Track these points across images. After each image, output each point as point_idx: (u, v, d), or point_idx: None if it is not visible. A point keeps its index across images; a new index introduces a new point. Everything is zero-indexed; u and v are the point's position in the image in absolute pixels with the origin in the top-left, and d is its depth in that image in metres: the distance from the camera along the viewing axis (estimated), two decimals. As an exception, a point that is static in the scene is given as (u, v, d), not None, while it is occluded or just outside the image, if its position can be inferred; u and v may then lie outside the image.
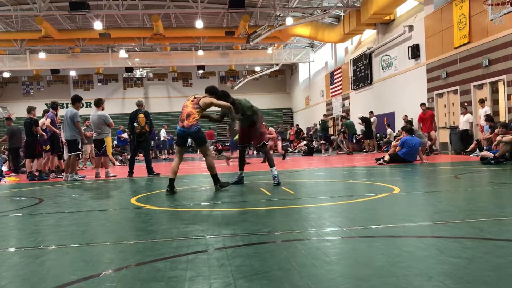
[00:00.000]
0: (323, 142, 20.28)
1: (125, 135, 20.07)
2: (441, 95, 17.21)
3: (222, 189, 6.80)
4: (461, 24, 15.38)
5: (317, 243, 3.29)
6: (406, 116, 18.00)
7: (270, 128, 16.94)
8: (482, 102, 14.37)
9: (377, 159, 12.35)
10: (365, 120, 20.00)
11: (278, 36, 27.58)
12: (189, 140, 7.80)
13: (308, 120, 33.75)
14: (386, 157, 11.95)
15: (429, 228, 3.73)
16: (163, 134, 26.68)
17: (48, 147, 11.69)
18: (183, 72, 38.98)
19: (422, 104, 16.45)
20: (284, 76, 41.34)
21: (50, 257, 3.28)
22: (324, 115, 22.20)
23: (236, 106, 7.25)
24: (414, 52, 18.57)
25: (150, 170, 11.16)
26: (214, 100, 6.85)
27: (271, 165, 7.48)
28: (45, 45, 29.26)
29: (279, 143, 17.07)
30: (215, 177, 6.89)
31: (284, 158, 15.21)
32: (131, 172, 11.20)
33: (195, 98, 6.91)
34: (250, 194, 6.44)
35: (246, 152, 10.88)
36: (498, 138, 11.51)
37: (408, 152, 11.71)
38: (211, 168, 6.87)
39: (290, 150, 25.50)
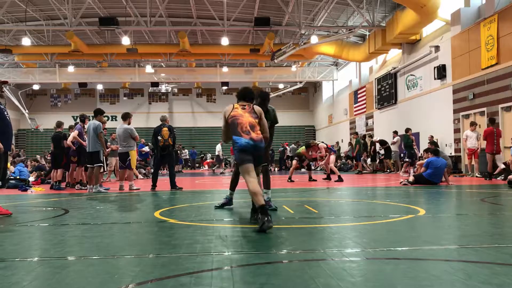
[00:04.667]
0: (407, 160, 18.10)
1: (146, 149, 20.32)
2: (467, 116, 16.95)
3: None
4: (489, 45, 15.20)
5: (341, 263, 3.26)
6: (432, 136, 17.78)
7: (321, 144, 15.02)
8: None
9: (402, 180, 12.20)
10: (382, 143, 19.91)
11: (302, 54, 27.66)
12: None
13: (331, 138, 33.57)
14: (411, 178, 11.79)
15: (456, 251, 3.66)
16: (218, 149, 28.62)
17: (76, 158, 11.95)
18: (207, 88, 39.36)
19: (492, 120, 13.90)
20: (307, 93, 41.35)
21: (76, 268, 3.32)
22: (408, 129, 18.53)
23: (269, 114, 6.48)
24: (440, 72, 18.39)
25: (173, 184, 11.23)
26: (263, 117, 5.63)
27: (267, 186, 6.69)
28: (74, 59, 29.97)
29: (332, 157, 14.92)
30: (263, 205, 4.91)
31: (328, 178, 14.30)
32: (154, 185, 11.29)
33: (244, 107, 5.57)
34: (273, 211, 6.41)
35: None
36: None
37: (433, 174, 11.53)
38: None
39: (313, 168, 25.36)
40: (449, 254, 3.56)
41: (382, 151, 20.76)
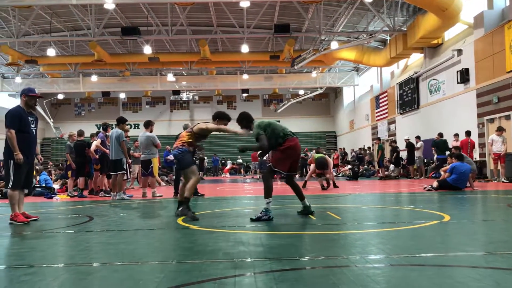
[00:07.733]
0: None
1: (171, 157, 20.48)
2: (492, 120, 16.64)
3: (180, 215, 6.53)
4: (514, 47, 14.91)
5: (365, 270, 3.22)
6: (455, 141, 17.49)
7: (329, 159, 14.34)
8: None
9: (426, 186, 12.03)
10: (408, 145, 19.62)
11: (322, 60, 27.59)
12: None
13: (353, 144, 33.34)
14: (435, 184, 11.62)
15: (483, 258, 3.58)
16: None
17: (99, 166, 12.13)
18: (228, 95, 39.55)
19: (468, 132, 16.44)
20: (328, 99, 41.19)
21: (101, 274, 3.37)
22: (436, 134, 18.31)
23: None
24: (463, 76, 18.11)
25: (195, 191, 11.26)
26: (210, 125, 6.78)
27: (266, 195, 6.13)
28: (97, 68, 30.51)
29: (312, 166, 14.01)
30: (186, 201, 6.47)
31: (323, 188, 13.13)
32: (176, 192, 11.37)
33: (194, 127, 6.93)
34: (295, 218, 6.39)
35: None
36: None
37: (457, 179, 11.33)
38: (187, 189, 6.53)
39: (334, 174, 25.17)
40: (476, 261, 3.49)
41: (405, 157, 20.51)
